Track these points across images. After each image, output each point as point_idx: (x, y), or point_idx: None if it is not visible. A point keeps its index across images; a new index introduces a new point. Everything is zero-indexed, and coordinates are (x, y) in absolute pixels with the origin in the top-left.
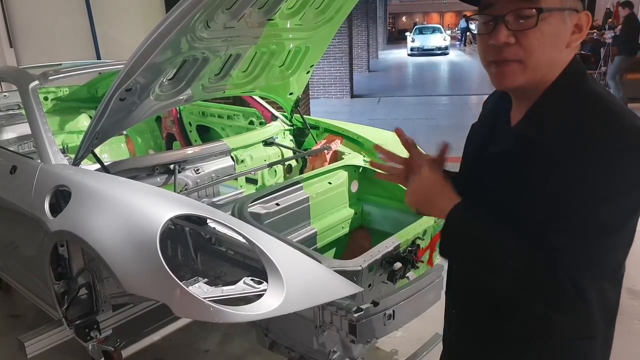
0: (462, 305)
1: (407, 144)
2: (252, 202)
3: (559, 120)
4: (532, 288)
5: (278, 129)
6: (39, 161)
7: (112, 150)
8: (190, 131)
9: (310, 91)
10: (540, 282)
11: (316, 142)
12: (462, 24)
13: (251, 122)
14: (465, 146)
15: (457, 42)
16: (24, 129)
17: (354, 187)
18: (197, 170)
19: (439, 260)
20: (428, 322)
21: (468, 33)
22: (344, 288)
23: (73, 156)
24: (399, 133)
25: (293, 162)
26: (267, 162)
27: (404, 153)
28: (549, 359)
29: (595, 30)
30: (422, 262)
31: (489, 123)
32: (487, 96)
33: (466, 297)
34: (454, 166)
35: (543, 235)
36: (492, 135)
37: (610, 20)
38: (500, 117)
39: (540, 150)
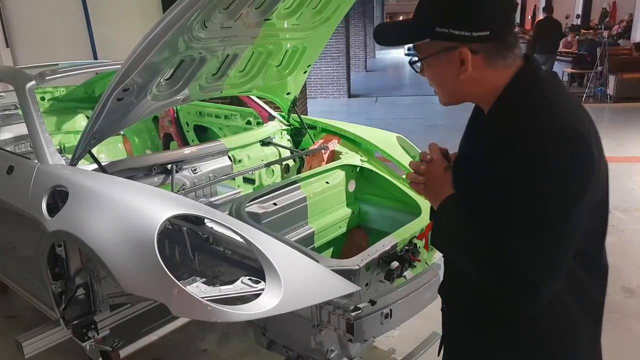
0: (450, 301)
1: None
2: (249, 202)
3: (506, 125)
4: (496, 284)
5: (275, 128)
6: (36, 161)
7: (109, 150)
8: (188, 131)
9: (307, 91)
10: (501, 279)
11: (313, 142)
12: None
13: (248, 122)
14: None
15: None
16: (20, 129)
17: (351, 187)
18: (195, 170)
19: (436, 259)
20: (425, 320)
21: None
22: (342, 287)
23: (70, 156)
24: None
25: (290, 162)
26: (265, 162)
27: (401, 154)
28: (533, 350)
29: (591, 30)
30: (420, 261)
31: (469, 125)
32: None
33: (452, 292)
34: None
35: (497, 231)
36: (468, 135)
37: (607, 20)
38: (479, 119)
39: (486, 153)
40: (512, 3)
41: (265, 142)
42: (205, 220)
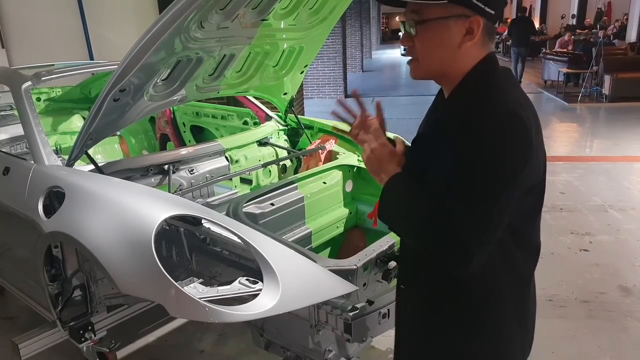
0: (403, 278)
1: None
2: (246, 202)
3: (459, 107)
4: (433, 247)
5: (272, 129)
6: (32, 162)
7: (105, 151)
8: (184, 131)
9: (304, 91)
10: (438, 241)
11: (310, 142)
12: None
13: (245, 122)
14: None
15: None
16: (16, 129)
17: (349, 187)
18: (192, 170)
19: None
20: None
21: None
22: (339, 287)
23: (66, 157)
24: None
25: (287, 162)
26: (262, 162)
27: None
28: (463, 319)
29: (586, 30)
30: None
31: (430, 108)
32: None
33: (404, 269)
34: None
35: (441, 201)
36: (430, 116)
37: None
38: (439, 101)
39: (443, 130)
40: None
41: (263, 143)
42: (203, 221)
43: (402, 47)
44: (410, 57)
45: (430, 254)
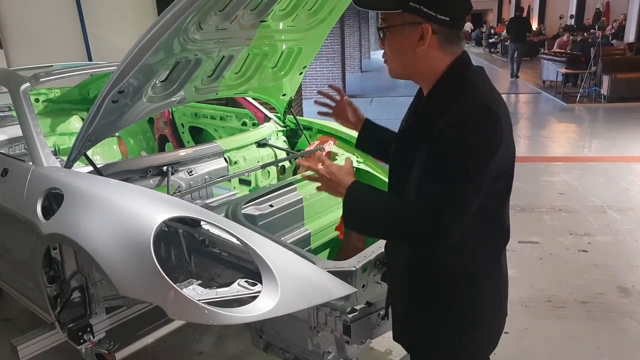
0: (391, 264)
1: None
2: (245, 204)
3: (438, 102)
4: (410, 232)
5: (271, 130)
6: (31, 164)
7: (104, 152)
8: (183, 132)
9: (303, 91)
10: (414, 225)
11: (309, 143)
12: None
13: (244, 124)
14: None
15: None
16: (15, 130)
17: None
18: (190, 172)
19: None
20: None
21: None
22: (338, 289)
23: (65, 158)
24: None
25: (286, 163)
26: (261, 164)
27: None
28: (445, 296)
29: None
30: None
31: (411, 108)
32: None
33: (390, 255)
34: None
35: (419, 185)
36: (411, 114)
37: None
38: (420, 100)
39: (423, 124)
40: (470, 6)
41: (261, 144)
42: (201, 223)
43: None
44: (384, 59)
45: (406, 241)
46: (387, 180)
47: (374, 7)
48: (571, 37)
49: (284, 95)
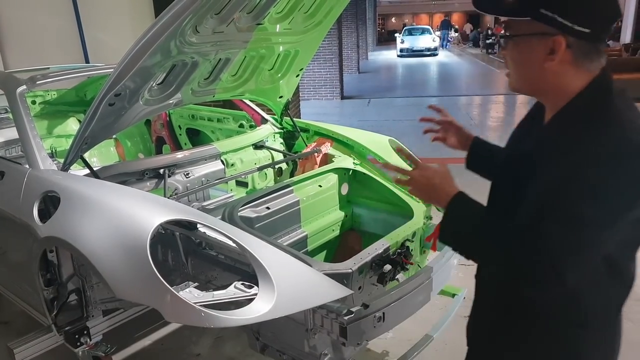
0: (480, 286)
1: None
2: (242, 206)
3: (565, 128)
4: (517, 269)
5: (268, 132)
6: (27, 167)
7: (101, 154)
8: (180, 134)
9: (300, 93)
10: (524, 263)
11: (306, 145)
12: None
13: (241, 125)
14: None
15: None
16: (11, 133)
17: (344, 190)
18: (187, 174)
19: (428, 262)
20: (418, 323)
21: (457, 34)
22: (335, 291)
23: (62, 161)
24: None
25: (283, 165)
26: (258, 166)
27: (393, 157)
28: (541, 342)
29: None
30: (412, 263)
31: (525, 125)
32: (475, 97)
33: (476, 288)
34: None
35: (536, 222)
36: (526, 136)
37: None
38: (537, 122)
39: (548, 149)
40: (618, 14)
41: (258, 146)
42: (198, 225)
43: (399, 49)
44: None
45: (510, 274)
46: (383, 182)
47: (496, 11)
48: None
49: (280, 97)
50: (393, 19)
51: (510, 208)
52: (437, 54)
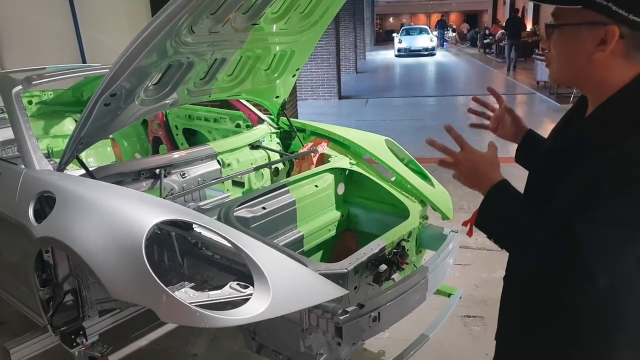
0: (503, 295)
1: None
2: (238, 206)
3: (608, 124)
4: (550, 267)
5: (265, 132)
6: (23, 167)
7: (98, 154)
8: (177, 134)
9: (298, 92)
10: (558, 263)
11: (303, 145)
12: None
13: (238, 125)
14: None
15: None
16: (7, 133)
17: (341, 190)
18: (183, 174)
19: (424, 261)
20: (414, 322)
21: (453, 34)
22: (330, 291)
23: (58, 161)
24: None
25: (280, 165)
26: (254, 166)
27: (389, 157)
28: (573, 343)
29: None
30: (408, 263)
31: (567, 118)
32: (472, 96)
33: (504, 286)
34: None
35: (569, 220)
36: (567, 128)
37: None
38: (579, 113)
39: (587, 143)
40: None
41: (255, 146)
42: (194, 225)
43: (397, 49)
44: (547, 61)
45: (543, 270)
46: (380, 182)
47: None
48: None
49: (277, 97)
50: (391, 19)
51: (544, 201)
52: (434, 54)
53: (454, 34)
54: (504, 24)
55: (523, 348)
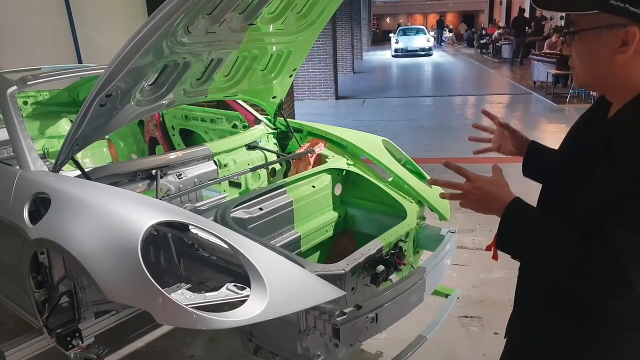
0: (520, 297)
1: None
2: (235, 207)
3: (632, 124)
4: (583, 277)
5: (261, 132)
6: (18, 168)
7: (94, 154)
8: (173, 135)
9: (295, 93)
10: (591, 272)
11: (300, 146)
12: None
13: (234, 126)
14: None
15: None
16: (2, 134)
17: (338, 190)
18: (180, 175)
19: (421, 262)
20: (412, 323)
21: (450, 35)
22: (327, 292)
23: (53, 162)
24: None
25: (277, 166)
26: (251, 166)
27: (386, 157)
28: (599, 346)
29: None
30: (405, 264)
31: (585, 120)
32: (469, 97)
33: (522, 288)
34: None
35: (601, 226)
36: (586, 130)
37: None
38: (600, 113)
39: (614, 147)
40: None
41: (252, 146)
42: (190, 227)
43: (394, 49)
44: (571, 66)
45: (575, 284)
46: (377, 182)
47: (559, 7)
48: (561, 37)
49: (274, 97)
50: (388, 19)
51: (563, 206)
52: (431, 54)
53: (451, 34)
54: (509, 24)
55: (547, 354)
